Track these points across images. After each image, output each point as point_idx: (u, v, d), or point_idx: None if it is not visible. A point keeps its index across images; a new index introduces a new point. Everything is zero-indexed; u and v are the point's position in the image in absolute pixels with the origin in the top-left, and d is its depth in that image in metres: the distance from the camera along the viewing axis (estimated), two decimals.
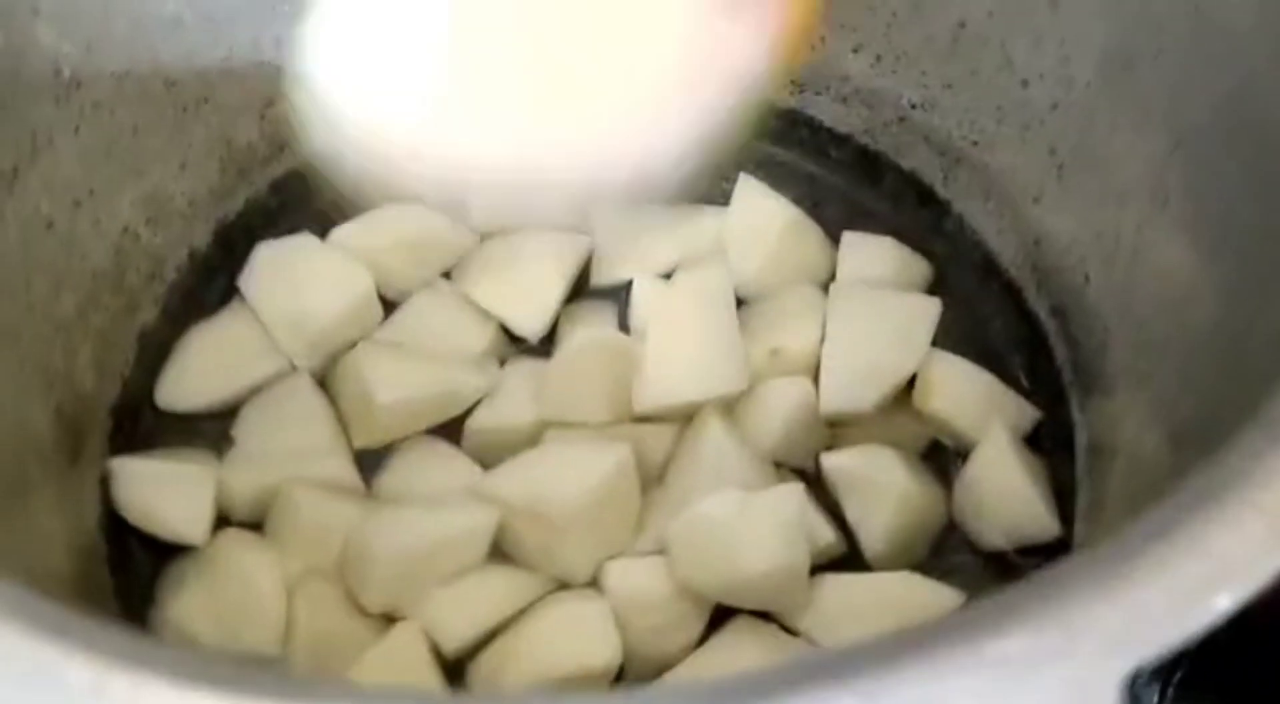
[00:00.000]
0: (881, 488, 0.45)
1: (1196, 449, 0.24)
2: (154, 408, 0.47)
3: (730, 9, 0.31)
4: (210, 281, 0.50)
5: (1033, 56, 0.44)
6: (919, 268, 0.51)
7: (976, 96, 0.47)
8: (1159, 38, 0.37)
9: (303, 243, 0.50)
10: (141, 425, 0.47)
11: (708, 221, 0.51)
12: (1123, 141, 0.40)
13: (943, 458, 0.47)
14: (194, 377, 0.48)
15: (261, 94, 0.49)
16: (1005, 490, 0.45)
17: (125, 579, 0.43)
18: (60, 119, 0.41)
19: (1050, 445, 0.46)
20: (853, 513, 0.45)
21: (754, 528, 0.43)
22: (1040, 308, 0.48)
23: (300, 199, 0.52)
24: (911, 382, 0.47)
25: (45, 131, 0.41)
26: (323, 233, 0.50)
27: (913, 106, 0.50)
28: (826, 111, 0.53)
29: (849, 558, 0.45)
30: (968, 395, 0.47)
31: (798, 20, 0.33)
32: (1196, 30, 0.35)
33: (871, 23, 0.48)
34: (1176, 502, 0.21)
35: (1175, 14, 0.36)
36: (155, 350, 0.48)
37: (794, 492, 0.44)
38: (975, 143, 0.49)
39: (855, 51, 0.50)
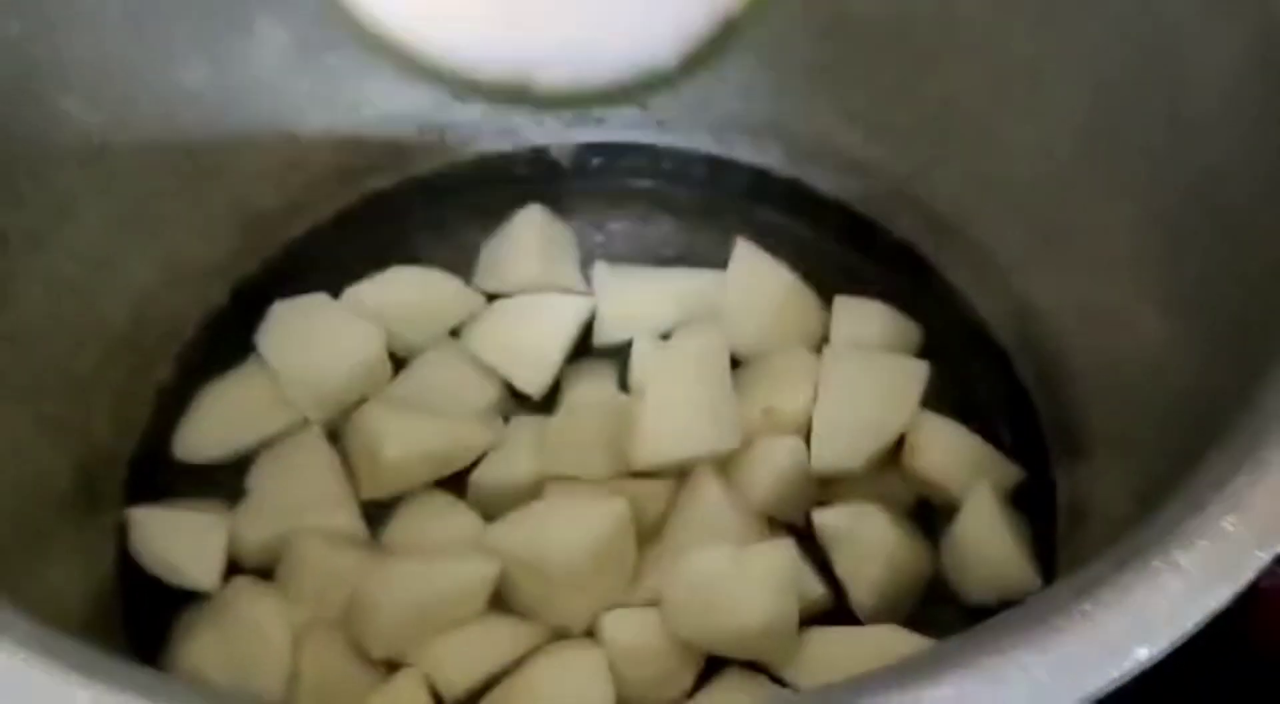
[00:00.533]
0: (870, 544, 0.46)
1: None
2: (170, 459, 0.49)
3: None
4: (227, 339, 0.52)
5: (1015, 132, 0.45)
6: (910, 332, 0.53)
7: (962, 169, 0.49)
8: (1134, 118, 0.39)
9: (316, 302, 0.52)
10: (158, 476, 0.48)
11: (706, 285, 0.53)
12: (1101, 214, 0.42)
13: (930, 515, 0.48)
14: (209, 429, 0.50)
15: (278, 161, 0.52)
16: (989, 548, 0.46)
17: (138, 624, 0.45)
18: (86, 185, 0.43)
19: (1033, 504, 0.47)
20: (842, 568, 0.46)
21: (746, 581, 0.44)
22: (1025, 372, 0.49)
23: (315, 260, 0.54)
24: (900, 441, 0.49)
25: (71, 196, 0.43)
26: (336, 292, 0.52)
27: (903, 177, 0.52)
28: (822, 180, 0.55)
29: (838, 611, 0.46)
30: (954, 456, 0.48)
31: None
32: (1169, 115, 0.37)
33: (863, 97, 0.50)
34: (1105, 561, 0.22)
35: (1148, 98, 0.38)
36: (172, 405, 0.50)
37: (785, 546, 0.45)
38: (963, 213, 0.50)
39: (848, 124, 0.52)
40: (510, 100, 0.27)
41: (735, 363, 0.51)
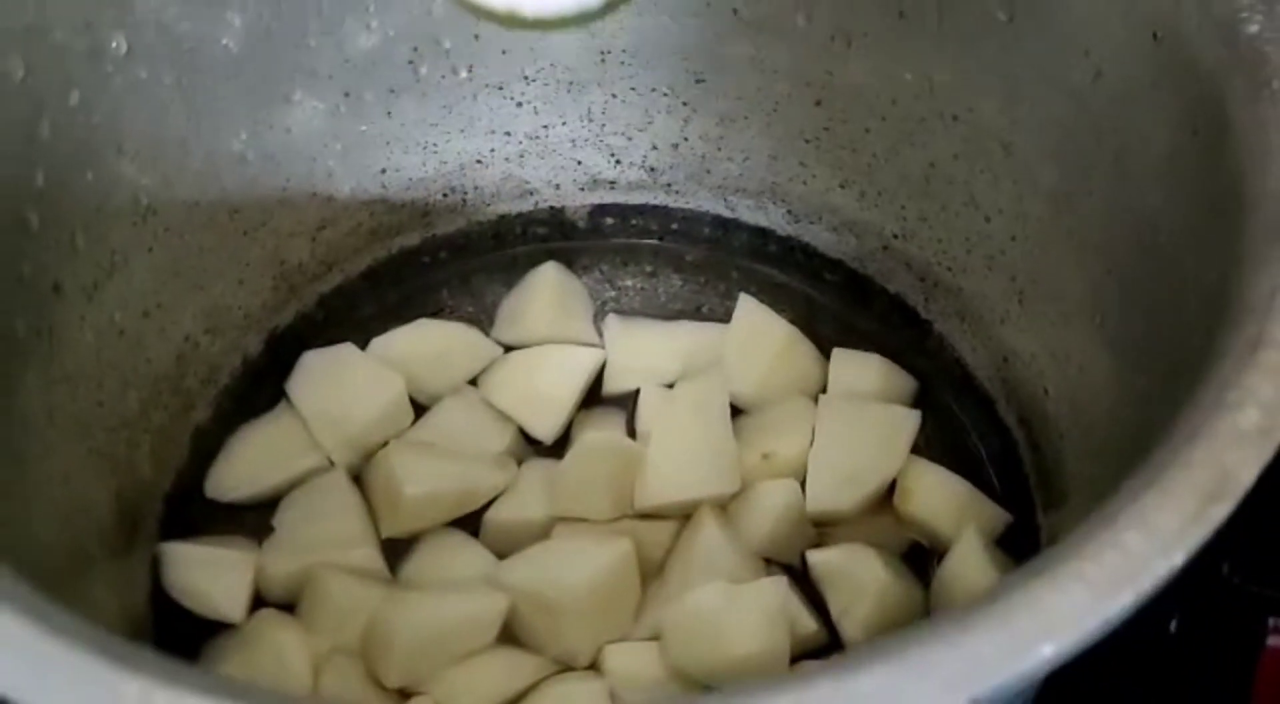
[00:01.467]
0: (862, 583, 0.48)
1: None
2: (203, 497, 0.52)
3: None
4: (260, 385, 0.54)
5: (992, 194, 0.48)
6: (904, 382, 0.55)
7: (948, 229, 0.52)
8: (1090, 181, 0.42)
9: (344, 351, 0.55)
10: (191, 513, 0.51)
11: (710, 337, 0.56)
12: (1068, 270, 0.45)
13: (921, 558, 0.50)
14: (241, 470, 0.52)
15: (313, 219, 0.55)
16: (977, 589, 0.48)
17: (170, 651, 0.47)
18: (136, 241, 0.47)
19: (1020, 547, 0.49)
20: (835, 606, 0.48)
21: (740, 616, 0.46)
22: (1010, 418, 0.52)
23: (344, 312, 0.57)
24: (893, 486, 0.51)
25: (123, 251, 0.46)
26: (364, 342, 0.55)
27: (894, 236, 0.55)
28: (819, 239, 0.57)
29: (830, 648, 0.48)
30: (944, 500, 0.50)
31: None
32: (1118, 174, 0.40)
33: (855, 162, 0.54)
34: (1021, 571, 0.25)
35: (1101, 161, 0.41)
36: (207, 446, 0.52)
37: (778, 584, 0.47)
38: (949, 269, 0.53)
39: (842, 187, 0.55)
40: (502, 23, 0.32)
41: (737, 411, 0.53)
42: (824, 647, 0.48)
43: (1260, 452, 0.25)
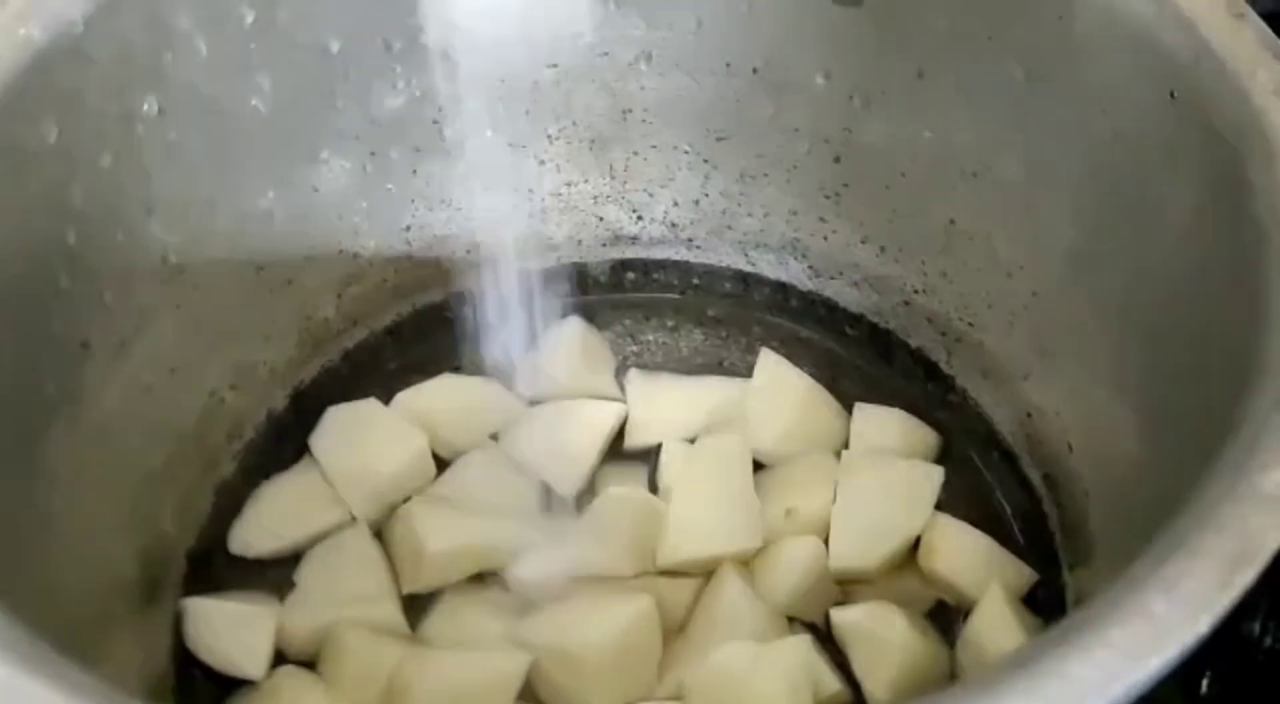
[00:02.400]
0: (885, 643, 0.48)
1: None
2: (227, 553, 0.52)
3: None
4: (284, 440, 0.55)
5: (1012, 251, 0.48)
6: (927, 438, 0.55)
7: (969, 285, 0.52)
8: (1110, 240, 0.42)
9: (367, 407, 0.55)
10: (214, 568, 0.51)
11: (732, 392, 0.56)
12: (1090, 328, 0.45)
13: (946, 616, 0.50)
14: (264, 525, 0.53)
15: (339, 276, 0.55)
16: (1003, 646, 0.47)
17: None
18: (164, 299, 0.47)
19: (1046, 605, 0.49)
20: (858, 665, 0.48)
21: (763, 676, 0.46)
22: (1034, 476, 0.51)
23: (369, 367, 0.58)
24: (917, 543, 0.51)
25: (151, 309, 0.47)
26: (388, 397, 0.55)
27: (916, 292, 0.55)
28: (841, 294, 0.58)
29: None
30: (968, 558, 0.50)
31: None
32: (1137, 235, 0.40)
33: (875, 218, 0.54)
34: (1047, 637, 0.25)
35: (1121, 220, 0.41)
36: (231, 501, 0.53)
37: (801, 643, 0.47)
38: (971, 325, 0.53)
39: (863, 242, 0.55)
40: None
41: (759, 466, 0.53)
42: None
43: None
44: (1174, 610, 0.24)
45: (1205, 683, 0.49)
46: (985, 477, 0.54)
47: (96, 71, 0.42)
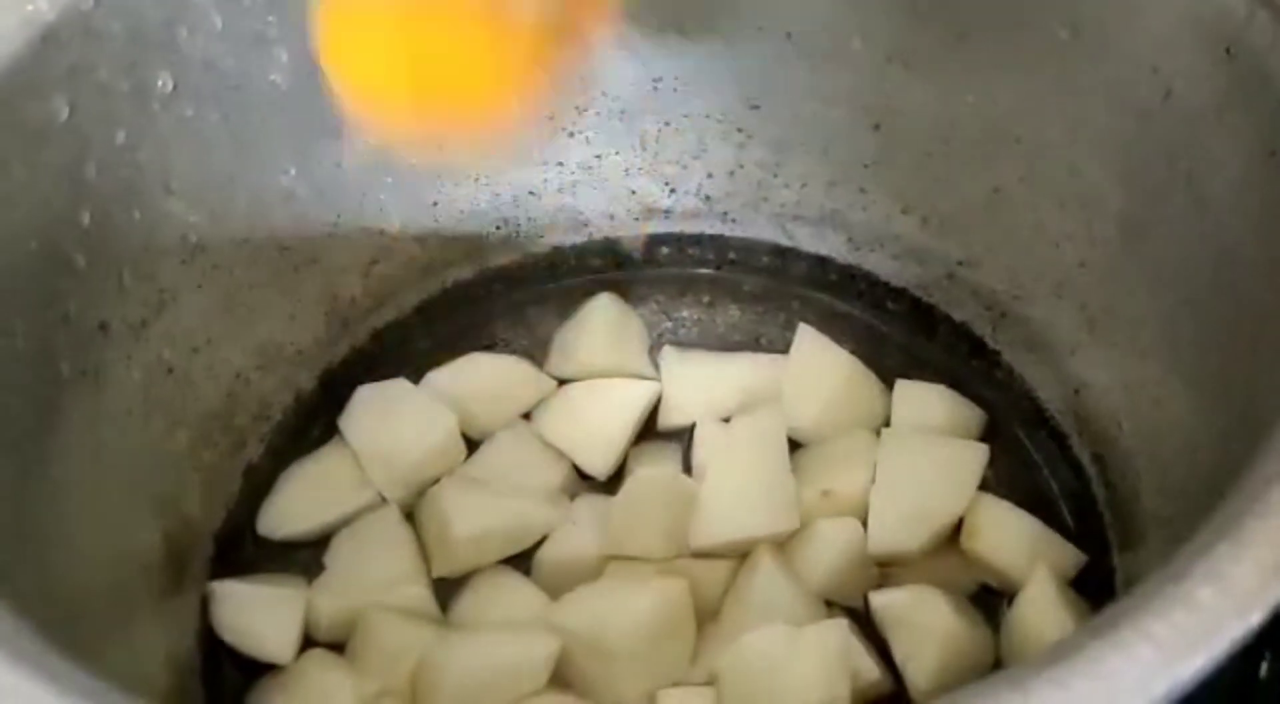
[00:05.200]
0: (927, 627, 0.46)
1: None
2: (255, 535, 0.51)
3: None
4: (313, 421, 0.54)
5: (1060, 219, 0.46)
6: (971, 415, 0.53)
7: (1014, 255, 0.50)
8: (1162, 206, 0.40)
9: (397, 386, 0.54)
10: (242, 551, 0.51)
11: (769, 369, 0.54)
12: (1141, 299, 0.43)
13: (991, 600, 0.48)
14: (293, 507, 0.52)
15: (365, 255, 0.55)
16: (1050, 632, 0.45)
17: (217, 692, 0.47)
18: (185, 278, 0.47)
19: (1095, 588, 0.47)
20: (899, 651, 0.46)
21: (799, 661, 0.45)
22: (1083, 455, 0.49)
23: (398, 347, 0.57)
24: (960, 525, 0.49)
25: (171, 289, 0.46)
26: (418, 377, 0.54)
27: (959, 263, 0.53)
28: (882, 267, 0.56)
29: (896, 696, 0.46)
30: (1013, 539, 0.48)
31: None
32: (1191, 201, 0.38)
33: (916, 188, 0.52)
34: (1083, 629, 0.23)
35: (1173, 186, 0.39)
36: (259, 483, 0.52)
37: (838, 627, 0.46)
38: (1017, 298, 0.51)
39: (904, 213, 0.53)
40: None
41: (796, 445, 0.52)
42: (888, 695, 0.46)
43: None
44: (1222, 601, 0.22)
45: (1264, 666, 0.47)
46: (1033, 456, 0.52)
47: (108, 47, 0.41)
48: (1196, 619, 0.22)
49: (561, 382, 0.55)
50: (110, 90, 0.42)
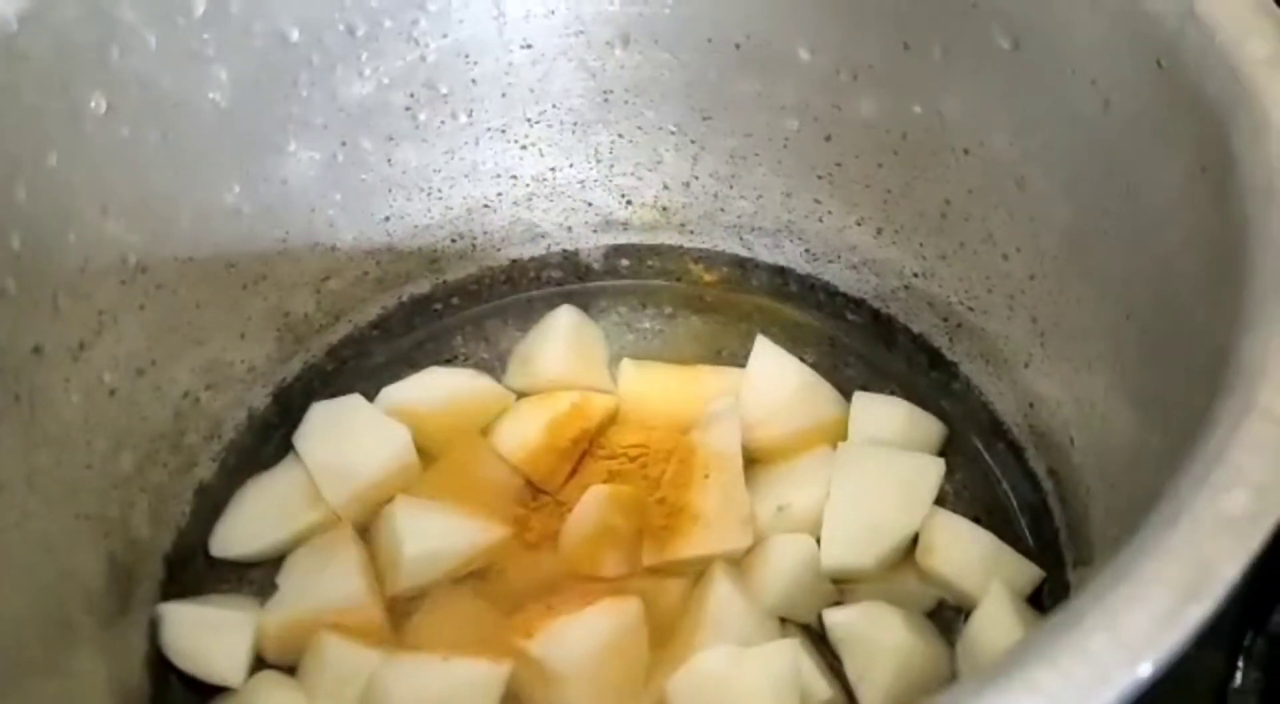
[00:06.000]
0: (881, 645, 0.46)
1: None
2: (207, 555, 0.51)
3: None
4: (267, 439, 0.54)
5: (1009, 231, 0.46)
6: (930, 428, 0.52)
7: (967, 267, 0.49)
8: (1104, 218, 0.39)
9: (351, 403, 0.54)
10: (192, 572, 0.50)
11: (726, 381, 0.54)
12: (1088, 312, 0.42)
13: (948, 616, 0.48)
14: (246, 526, 0.52)
15: (317, 270, 0.54)
16: (1005, 648, 0.45)
17: None
18: (126, 299, 0.46)
19: (1053, 603, 0.47)
20: (852, 669, 0.46)
21: (748, 681, 0.44)
22: (1039, 468, 0.49)
23: (355, 362, 0.56)
24: (916, 540, 0.48)
25: (111, 311, 0.45)
26: (375, 393, 0.54)
27: (915, 275, 0.52)
28: (840, 277, 0.55)
29: None
30: (969, 555, 0.48)
31: None
32: (1131, 212, 0.37)
33: (870, 198, 0.51)
34: (974, 677, 0.22)
35: (1115, 197, 0.38)
36: (212, 502, 0.51)
37: (788, 647, 0.45)
38: (971, 309, 0.50)
39: (859, 224, 0.53)
40: None
41: (753, 459, 0.51)
42: None
43: (1247, 542, 0.22)
44: (1114, 651, 0.22)
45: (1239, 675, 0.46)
46: (991, 468, 0.51)
47: (34, 68, 0.40)
48: (1089, 669, 0.21)
49: (520, 395, 0.55)
50: (40, 111, 0.41)
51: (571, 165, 0.56)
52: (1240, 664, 0.46)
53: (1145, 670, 0.21)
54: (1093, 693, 0.21)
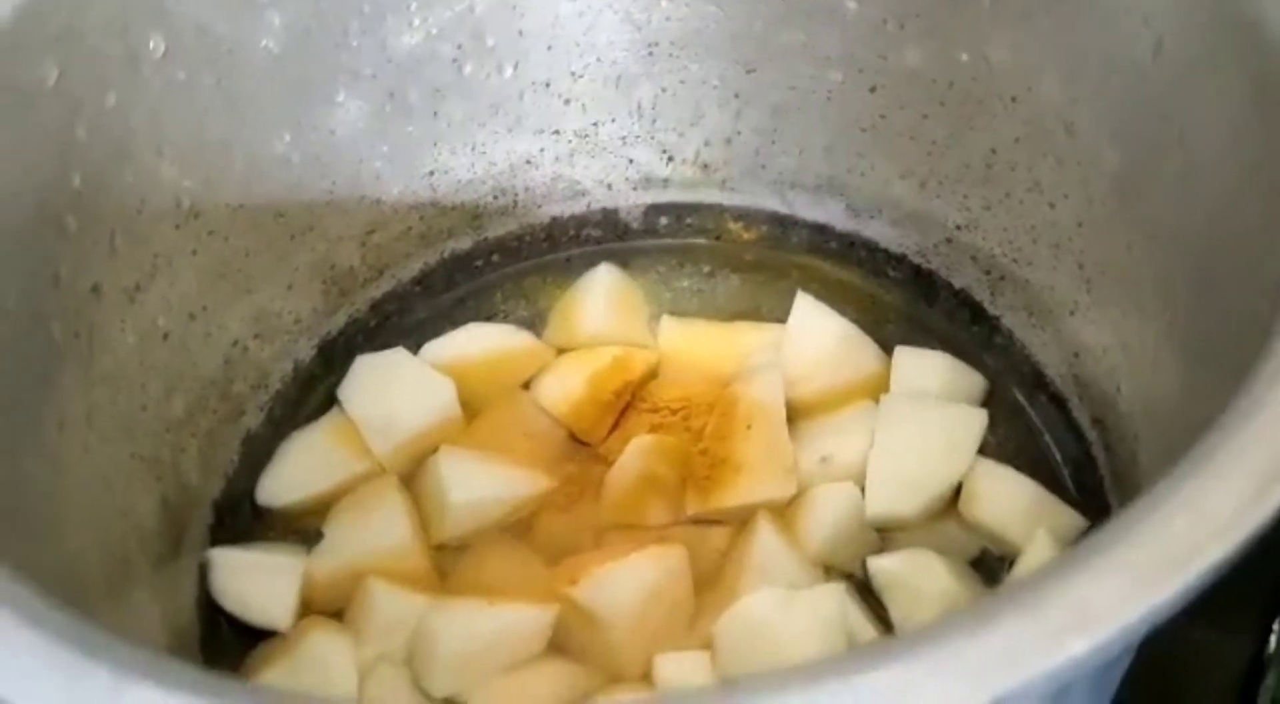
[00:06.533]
0: (925, 592, 0.46)
1: None
2: (254, 503, 0.51)
3: None
4: (311, 391, 0.54)
5: (1056, 179, 0.46)
6: (972, 381, 0.52)
7: (1012, 217, 0.49)
8: (1156, 163, 0.39)
9: (396, 356, 0.54)
10: (240, 519, 0.51)
11: (767, 337, 0.54)
12: (1137, 258, 0.42)
13: (992, 564, 0.48)
14: (292, 476, 0.52)
15: (362, 223, 0.54)
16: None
17: (215, 658, 0.47)
18: (179, 243, 0.47)
19: None
20: (896, 615, 0.46)
21: (795, 624, 0.44)
22: (1083, 419, 0.49)
23: (397, 316, 0.57)
24: (959, 490, 0.49)
25: (165, 254, 0.46)
26: (416, 346, 0.54)
27: (958, 228, 0.52)
28: (881, 233, 0.55)
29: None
30: (1012, 504, 0.48)
31: None
32: (1183, 157, 0.37)
33: (914, 151, 0.51)
34: (1057, 560, 0.22)
35: (1167, 142, 0.38)
36: (258, 451, 0.52)
37: (834, 591, 0.45)
38: (1015, 260, 0.51)
39: (902, 177, 0.53)
40: None
41: (796, 413, 0.51)
42: None
43: None
44: (1197, 529, 0.22)
45: (1273, 640, 0.47)
46: (1034, 421, 0.51)
47: (97, 11, 0.41)
48: (1171, 547, 0.22)
49: (560, 351, 0.55)
50: (101, 54, 0.41)
51: (614, 120, 0.56)
52: (1276, 629, 0.47)
53: (1230, 548, 0.22)
54: (1179, 568, 0.21)
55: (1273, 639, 0.47)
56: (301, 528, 0.51)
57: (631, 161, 0.57)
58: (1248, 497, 0.22)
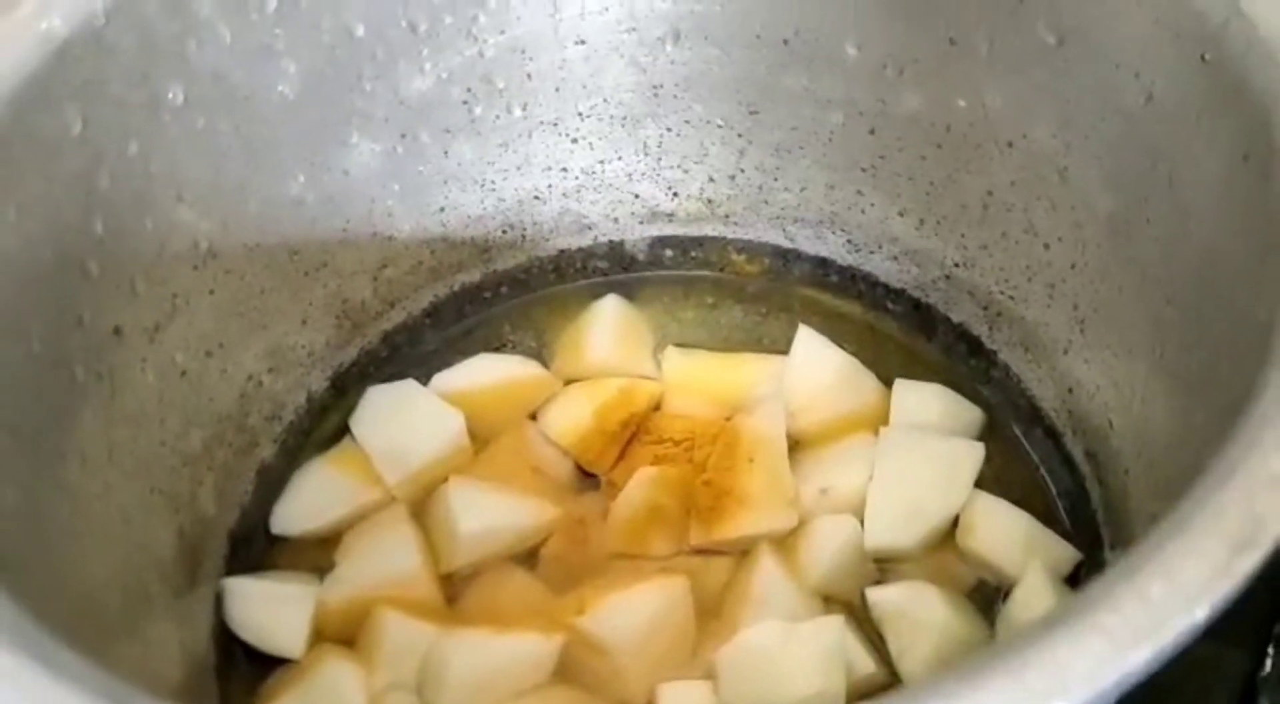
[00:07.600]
0: (922, 622, 0.47)
1: None
2: (268, 533, 0.53)
3: None
4: (324, 421, 0.55)
5: (1050, 221, 0.47)
6: (970, 414, 0.54)
7: (1008, 257, 0.50)
8: (1147, 207, 0.40)
9: (406, 387, 0.55)
10: (255, 548, 0.52)
11: (770, 368, 0.55)
12: (1129, 299, 0.43)
13: (987, 596, 0.49)
14: (305, 506, 0.53)
15: (374, 259, 0.56)
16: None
17: (230, 686, 0.48)
18: (197, 283, 0.48)
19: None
20: (894, 646, 0.47)
21: (795, 655, 0.45)
22: (1077, 452, 0.50)
23: (408, 348, 0.58)
24: (956, 522, 0.50)
25: (184, 294, 0.47)
26: (427, 377, 0.56)
27: (956, 265, 0.54)
28: (880, 268, 0.57)
29: (891, 689, 0.47)
30: (1008, 536, 0.49)
31: None
32: (1173, 202, 0.38)
33: (912, 190, 0.53)
34: (1037, 622, 0.24)
35: (1157, 187, 0.39)
36: (272, 481, 0.53)
37: (834, 623, 0.46)
38: (1011, 298, 0.52)
39: (901, 215, 0.54)
40: None
41: (796, 444, 0.53)
42: (883, 688, 0.47)
43: None
44: (1171, 596, 0.23)
45: (1268, 662, 0.47)
46: (1029, 454, 0.53)
47: (120, 61, 0.42)
48: (1146, 613, 0.23)
49: (567, 382, 0.56)
50: (123, 102, 0.43)
51: (620, 158, 0.57)
52: (1270, 652, 0.48)
53: (1200, 616, 0.23)
54: (1152, 635, 0.23)
55: (1268, 662, 0.48)
56: (313, 556, 0.52)
57: (637, 196, 0.59)
58: (1220, 564, 0.23)
